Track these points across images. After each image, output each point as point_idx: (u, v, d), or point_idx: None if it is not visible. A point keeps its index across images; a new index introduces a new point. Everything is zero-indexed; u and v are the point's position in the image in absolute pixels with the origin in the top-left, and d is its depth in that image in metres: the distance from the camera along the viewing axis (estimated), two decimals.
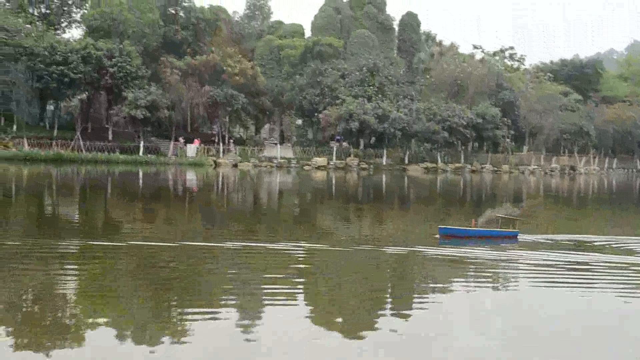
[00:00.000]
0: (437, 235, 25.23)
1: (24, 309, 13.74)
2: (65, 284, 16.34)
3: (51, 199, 40.94)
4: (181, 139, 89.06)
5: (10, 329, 12.09)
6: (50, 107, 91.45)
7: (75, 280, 16.80)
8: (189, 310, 14.03)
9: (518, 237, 25.36)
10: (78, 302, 14.67)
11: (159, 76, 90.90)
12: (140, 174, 67.12)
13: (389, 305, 15.52)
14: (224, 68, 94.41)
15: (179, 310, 14.13)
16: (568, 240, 26.05)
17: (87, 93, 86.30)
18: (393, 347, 11.78)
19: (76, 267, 18.37)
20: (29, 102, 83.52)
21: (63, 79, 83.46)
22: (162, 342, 11.71)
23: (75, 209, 36.20)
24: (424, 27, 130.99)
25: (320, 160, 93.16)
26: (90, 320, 13.07)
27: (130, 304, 14.39)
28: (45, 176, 59.30)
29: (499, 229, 25.89)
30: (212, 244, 22.59)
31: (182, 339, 11.92)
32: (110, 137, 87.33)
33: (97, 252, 20.11)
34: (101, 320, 13.04)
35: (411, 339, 12.39)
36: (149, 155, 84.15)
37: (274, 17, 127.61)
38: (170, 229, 27.60)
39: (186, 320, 13.27)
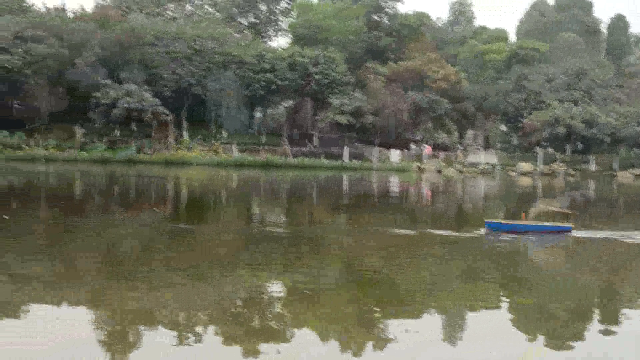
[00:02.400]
0: (483, 231, 23.32)
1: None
2: None
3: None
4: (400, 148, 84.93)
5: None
6: (258, 114, 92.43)
7: None
8: None
9: (571, 232, 23.14)
10: None
11: (363, 82, 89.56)
12: (362, 179, 65.87)
13: None
14: (427, 74, 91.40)
15: None
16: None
17: (293, 100, 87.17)
18: None
19: None
20: (238, 109, 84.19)
21: (270, 87, 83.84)
22: None
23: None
24: (633, 30, 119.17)
25: (525, 166, 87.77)
26: None
27: None
28: (281, 180, 59.87)
29: (551, 224, 23.86)
30: None
31: None
32: (315, 143, 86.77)
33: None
34: None
35: None
36: (353, 161, 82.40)
37: (476, 22, 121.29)
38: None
39: None
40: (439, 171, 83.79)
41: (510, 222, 24.19)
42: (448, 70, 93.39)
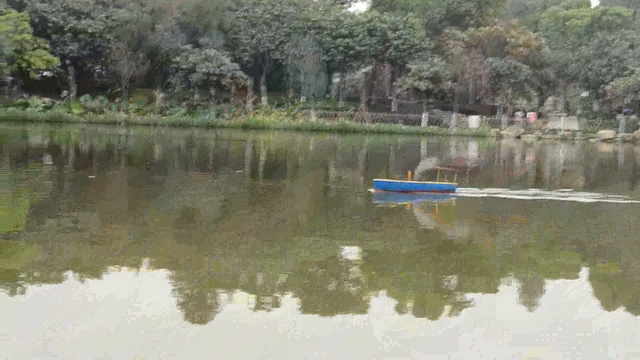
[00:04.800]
0: (372, 190, 22.97)
1: None
2: None
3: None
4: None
5: None
6: (335, 80, 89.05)
7: None
8: None
9: (456, 191, 23.23)
10: None
11: (442, 48, 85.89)
12: (440, 144, 63.85)
13: None
14: (507, 39, 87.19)
15: None
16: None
17: (371, 65, 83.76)
18: None
19: None
20: (316, 75, 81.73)
21: (349, 52, 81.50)
22: None
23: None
24: None
25: (606, 133, 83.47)
26: None
27: None
28: (359, 145, 58.68)
29: (436, 182, 23.66)
30: None
31: None
32: (393, 109, 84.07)
33: None
34: None
35: None
36: (431, 127, 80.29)
37: None
38: None
39: None
40: (518, 137, 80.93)
41: (397, 181, 23.87)
42: (529, 35, 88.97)
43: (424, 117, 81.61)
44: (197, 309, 10.12)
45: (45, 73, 74.71)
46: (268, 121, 74.16)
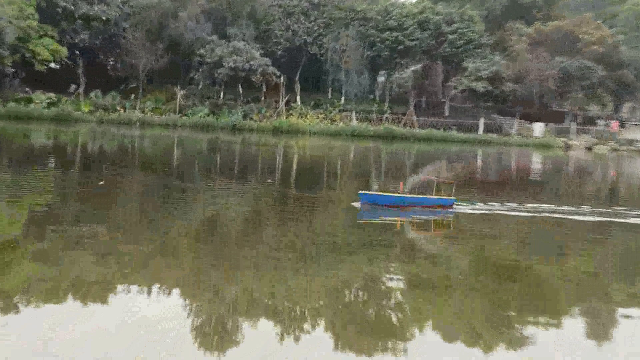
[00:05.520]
0: (357, 204, 21.61)
1: None
2: None
3: None
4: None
5: None
6: (380, 79, 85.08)
7: None
8: None
9: (454, 206, 22.03)
10: None
11: (503, 45, 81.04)
12: (497, 155, 59.73)
13: None
14: (579, 36, 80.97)
15: None
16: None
17: (422, 63, 79.82)
18: None
19: None
20: (359, 73, 77.22)
21: (397, 47, 76.33)
22: None
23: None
24: None
25: None
26: None
27: None
28: (407, 154, 54.94)
29: (431, 196, 22.39)
30: None
31: None
32: (446, 113, 79.56)
33: None
34: None
35: None
36: (489, 134, 75.19)
37: None
38: None
39: None
40: (589, 148, 75.17)
41: (388, 194, 22.56)
42: (604, 32, 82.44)
43: (481, 123, 76.80)
44: (217, 333, 9.68)
45: (51, 65, 70.51)
46: (303, 124, 70.08)
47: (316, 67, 78.59)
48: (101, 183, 24.70)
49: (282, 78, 72.69)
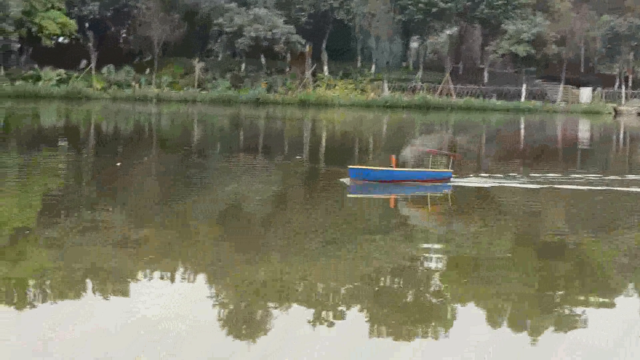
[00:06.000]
0: (344, 180, 20.57)
1: None
2: None
3: None
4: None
5: None
6: (414, 45, 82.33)
7: None
8: None
9: (451, 179, 21.30)
10: None
11: (545, 4, 77.16)
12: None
13: None
14: None
15: None
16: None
17: (458, 26, 77.45)
18: None
19: None
20: (390, 39, 74.72)
21: (430, 9, 73.20)
22: None
23: None
24: None
25: None
26: None
27: None
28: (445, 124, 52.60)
29: (427, 169, 21.36)
30: None
31: None
32: (485, 80, 76.63)
33: None
34: None
35: None
36: (532, 102, 72.59)
37: None
38: None
39: None
40: None
41: (379, 169, 21.79)
42: None
43: (523, 89, 74.11)
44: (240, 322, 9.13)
45: (60, 39, 69.26)
46: (331, 96, 68.35)
47: (344, 34, 76.42)
48: (118, 164, 24.60)
49: (307, 47, 71.15)
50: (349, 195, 19.97)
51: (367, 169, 21.48)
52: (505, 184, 21.37)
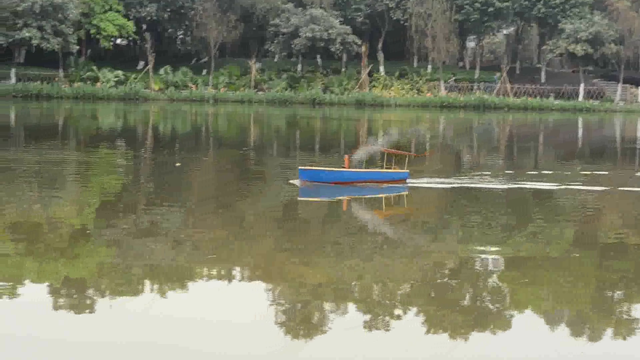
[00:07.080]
0: (295, 181, 19.73)
1: None
2: None
3: None
4: None
5: None
6: (470, 45, 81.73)
7: None
8: None
9: (407, 181, 20.58)
10: None
11: (603, 2, 75.65)
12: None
13: None
14: None
15: None
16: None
17: (515, 25, 76.47)
18: None
19: None
20: (447, 39, 72.68)
21: (487, 9, 72.34)
22: None
23: None
24: None
25: None
26: None
27: None
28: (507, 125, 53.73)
29: (382, 170, 20.80)
30: None
31: None
32: (542, 79, 75.14)
33: None
34: None
35: None
36: (590, 101, 71.53)
37: None
38: None
39: None
40: None
41: (332, 170, 20.79)
42: None
43: (581, 89, 72.49)
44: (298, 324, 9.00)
45: (117, 41, 70.28)
46: (387, 96, 67.84)
47: (400, 34, 75.54)
48: (178, 164, 24.56)
49: (363, 47, 70.32)
50: (299, 198, 19.15)
51: (318, 170, 20.49)
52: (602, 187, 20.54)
